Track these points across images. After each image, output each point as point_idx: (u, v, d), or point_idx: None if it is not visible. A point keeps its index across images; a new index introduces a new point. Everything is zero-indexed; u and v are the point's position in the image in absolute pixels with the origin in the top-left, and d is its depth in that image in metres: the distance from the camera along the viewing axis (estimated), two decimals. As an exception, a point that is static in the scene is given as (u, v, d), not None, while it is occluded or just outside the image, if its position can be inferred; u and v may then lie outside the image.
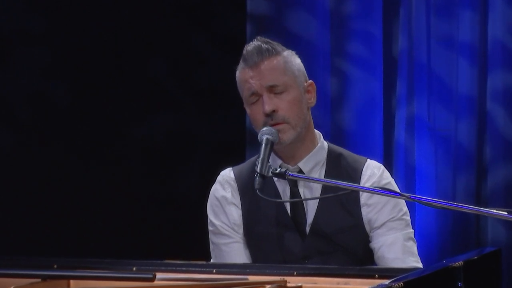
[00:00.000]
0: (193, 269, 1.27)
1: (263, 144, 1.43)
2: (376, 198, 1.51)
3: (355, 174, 1.54)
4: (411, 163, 2.73)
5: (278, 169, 1.39)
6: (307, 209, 1.54)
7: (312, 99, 1.58)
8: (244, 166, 1.62)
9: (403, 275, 1.01)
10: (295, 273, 1.22)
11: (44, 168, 2.91)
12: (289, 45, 1.63)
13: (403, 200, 1.54)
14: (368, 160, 1.59)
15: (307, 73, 1.61)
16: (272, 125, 1.48)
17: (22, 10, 2.93)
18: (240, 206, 1.57)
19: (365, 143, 2.79)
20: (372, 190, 1.46)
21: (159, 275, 1.17)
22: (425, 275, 1.07)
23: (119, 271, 1.24)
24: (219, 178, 1.62)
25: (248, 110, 1.56)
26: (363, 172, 1.55)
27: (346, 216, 1.53)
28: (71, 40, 2.94)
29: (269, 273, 1.24)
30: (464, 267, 1.03)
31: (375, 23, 2.81)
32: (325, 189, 1.52)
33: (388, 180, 1.57)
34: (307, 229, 1.53)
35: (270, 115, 1.48)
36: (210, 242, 1.61)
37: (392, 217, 1.52)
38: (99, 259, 1.29)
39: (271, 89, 1.49)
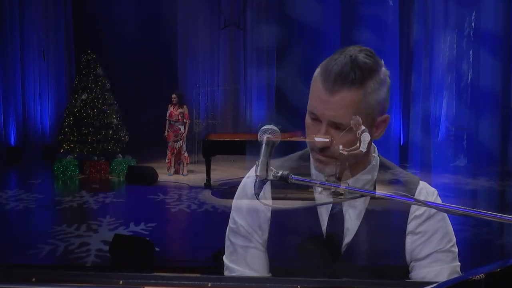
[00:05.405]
0: (186, 282, 1.26)
1: (263, 145, 1.39)
2: (426, 226, 1.48)
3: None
4: (427, 164, 2.73)
5: (280, 172, 1.36)
6: (347, 228, 1.49)
7: (378, 133, 1.50)
8: (284, 161, 1.57)
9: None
10: (298, 287, 1.21)
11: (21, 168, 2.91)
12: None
13: (451, 228, 1.51)
14: (421, 182, 1.55)
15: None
16: (319, 154, 1.44)
17: None
18: (270, 208, 1.52)
19: (377, 142, 2.78)
20: (381, 195, 1.43)
21: (148, 289, 1.17)
22: (442, 289, 1.06)
23: (104, 285, 1.23)
24: (251, 171, 1.52)
25: (306, 117, 1.47)
26: (415, 196, 1.49)
27: (387, 243, 1.49)
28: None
29: (269, 287, 1.23)
30: (486, 281, 1.01)
31: (389, 11, 2.80)
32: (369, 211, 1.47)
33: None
34: (342, 249, 1.48)
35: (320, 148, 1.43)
36: (226, 238, 1.57)
37: (440, 248, 1.49)
38: (82, 271, 1.28)
39: (333, 124, 1.42)
